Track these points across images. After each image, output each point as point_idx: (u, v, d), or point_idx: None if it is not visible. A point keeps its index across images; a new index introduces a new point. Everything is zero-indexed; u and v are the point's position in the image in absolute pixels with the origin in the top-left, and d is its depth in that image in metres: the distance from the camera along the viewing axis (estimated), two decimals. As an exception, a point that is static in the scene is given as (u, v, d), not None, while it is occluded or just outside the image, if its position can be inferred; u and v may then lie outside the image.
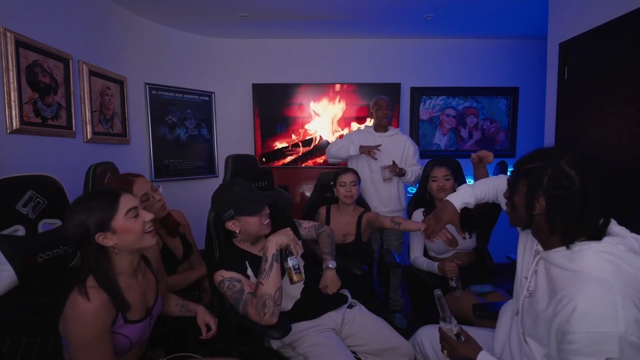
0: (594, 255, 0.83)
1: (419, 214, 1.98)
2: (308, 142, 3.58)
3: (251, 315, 1.24)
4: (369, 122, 3.33)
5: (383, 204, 2.48)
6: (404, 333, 1.57)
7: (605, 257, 0.82)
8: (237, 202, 1.36)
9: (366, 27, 3.25)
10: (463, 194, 1.32)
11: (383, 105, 2.51)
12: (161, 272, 1.43)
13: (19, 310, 1.01)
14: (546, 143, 2.41)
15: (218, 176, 3.63)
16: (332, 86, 3.50)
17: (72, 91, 2.20)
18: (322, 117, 3.54)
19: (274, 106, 3.53)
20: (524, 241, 1.07)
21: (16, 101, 1.78)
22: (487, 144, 3.63)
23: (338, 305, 1.52)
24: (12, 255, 0.97)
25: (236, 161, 1.93)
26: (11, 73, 1.76)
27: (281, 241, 1.29)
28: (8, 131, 1.77)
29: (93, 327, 0.95)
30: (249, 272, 1.38)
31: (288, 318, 1.33)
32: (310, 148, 3.58)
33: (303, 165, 3.58)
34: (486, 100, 3.61)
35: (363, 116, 3.52)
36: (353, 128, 3.51)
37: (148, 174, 3.15)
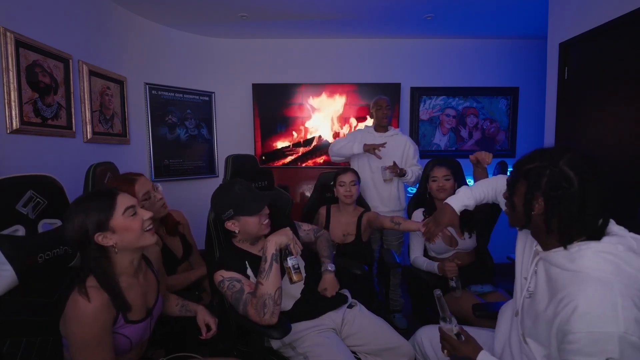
0: (594, 255, 0.83)
1: (419, 214, 1.98)
2: (308, 142, 3.58)
3: (251, 315, 1.24)
4: (369, 122, 3.33)
5: (383, 204, 2.48)
6: (404, 333, 1.57)
7: (605, 257, 0.82)
8: (237, 202, 1.36)
9: (366, 27, 3.25)
10: (462, 197, 1.32)
11: (383, 105, 2.50)
12: (161, 272, 1.43)
13: (19, 310, 1.01)
14: (546, 143, 2.41)
15: (218, 176, 3.63)
16: (332, 86, 3.50)
17: (72, 91, 2.20)
18: (322, 117, 3.54)
19: (274, 106, 3.53)
20: (523, 241, 1.07)
21: (16, 101, 1.78)
22: (487, 144, 3.63)
23: (338, 305, 1.52)
24: (12, 255, 0.97)
25: (236, 161, 1.93)
26: (11, 73, 1.76)
27: (280, 241, 1.29)
28: (8, 131, 1.77)
29: (94, 327, 0.95)
30: (249, 272, 1.38)
31: (288, 318, 1.33)
32: (310, 148, 3.58)
33: (303, 165, 3.58)
34: (486, 100, 3.61)
35: (363, 116, 3.52)
36: (353, 124, 3.52)
37: (148, 174, 3.15)
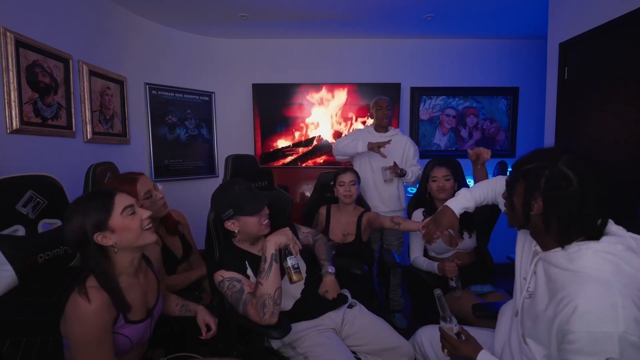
0: (593, 255, 0.83)
1: (419, 214, 1.98)
2: (308, 142, 3.58)
3: (251, 315, 1.24)
4: (369, 122, 3.33)
5: (384, 204, 2.48)
6: (404, 333, 1.57)
7: (604, 257, 0.82)
8: (237, 202, 1.36)
9: (366, 27, 3.25)
10: (462, 199, 1.32)
11: (383, 105, 2.50)
12: (161, 272, 1.43)
13: (19, 310, 1.01)
14: (546, 143, 2.41)
15: (218, 176, 3.63)
16: (332, 86, 3.50)
17: (72, 91, 2.20)
18: (322, 117, 3.54)
19: (274, 106, 3.53)
20: (522, 242, 1.07)
21: (16, 101, 1.78)
22: (487, 144, 3.63)
23: (338, 305, 1.52)
24: (12, 255, 0.97)
25: (236, 161, 1.93)
26: (11, 73, 1.76)
27: (280, 241, 1.29)
28: (8, 131, 1.77)
29: (94, 327, 0.95)
30: (249, 272, 1.38)
31: (288, 318, 1.33)
32: (310, 148, 3.58)
33: (303, 165, 3.58)
34: (486, 100, 3.61)
35: (363, 116, 3.52)
36: (355, 124, 3.52)
37: (148, 174, 3.12)
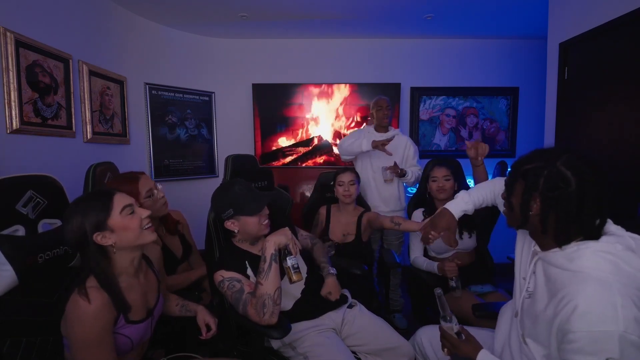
0: (593, 254, 0.83)
1: (419, 214, 1.99)
2: (308, 142, 3.58)
3: (251, 315, 1.24)
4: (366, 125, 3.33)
5: (384, 204, 2.49)
6: (404, 333, 1.57)
7: (603, 257, 0.82)
8: (237, 202, 1.36)
9: (366, 27, 3.25)
10: (460, 202, 1.32)
11: (383, 105, 2.50)
12: (161, 272, 1.43)
13: (19, 310, 1.01)
14: (546, 143, 2.41)
15: (218, 176, 3.63)
16: (332, 86, 3.50)
17: (72, 91, 2.20)
18: (322, 116, 3.54)
19: (274, 106, 3.53)
20: (522, 242, 1.07)
21: (16, 101, 1.78)
22: (487, 144, 3.62)
23: (338, 305, 1.52)
24: (12, 255, 0.97)
25: (236, 161, 1.93)
26: (11, 73, 1.76)
27: (279, 241, 1.29)
28: (8, 131, 1.77)
29: (95, 327, 0.95)
30: (249, 272, 1.38)
31: (288, 318, 1.33)
32: (310, 148, 3.58)
33: (303, 165, 3.58)
34: (486, 100, 3.60)
35: (363, 116, 3.52)
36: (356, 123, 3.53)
37: (148, 174, 3.12)
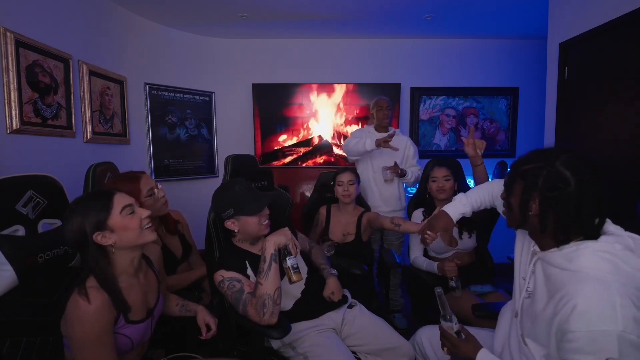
0: (592, 254, 0.83)
1: (419, 214, 1.99)
2: (308, 142, 3.58)
3: (251, 315, 1.24)
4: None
5: (385, 204, 2.49)
6: (404, 333, 1.57)
7: (602, 256, 0.83)
8: (237, 202, 1.36)
9: (366, 27, 3.25)
10: (458, 204, 1.32)
11: (384, 105, 2.50)
12: (161, 272, 1.43)
13: (19, 310, 1.01)
14: (546, 143, 2.41)
15: (218, 176, 3.63)
16: (332, 86, 3.50)
17: (72, 91, 2.20)
18: (322, 116, 3.54)
19: (274, 106, 3.53)
20: (521, 242, 1.07)
21: (16, 101, 1.78)
22: (487, 144, 3.62)
23: (338, 305, 1.52)
24: (12, 255, 0.97)
25: (236, 161, 1.93)
26: (11, 73, 1.76)
27: (279, 241, 1.29)
28: (8, 131, 1.77)
29: (95, 327, 0.95)
30: (249, 272, 1.38)
31: (288, 318, 1.33)
32: (310, 148, 3.58)
33: (303, 165, 3.58)
34: (486, 100, 3.60)
35: (363, 116, 3.52)
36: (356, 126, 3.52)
37: (148, 174, 3.15)
